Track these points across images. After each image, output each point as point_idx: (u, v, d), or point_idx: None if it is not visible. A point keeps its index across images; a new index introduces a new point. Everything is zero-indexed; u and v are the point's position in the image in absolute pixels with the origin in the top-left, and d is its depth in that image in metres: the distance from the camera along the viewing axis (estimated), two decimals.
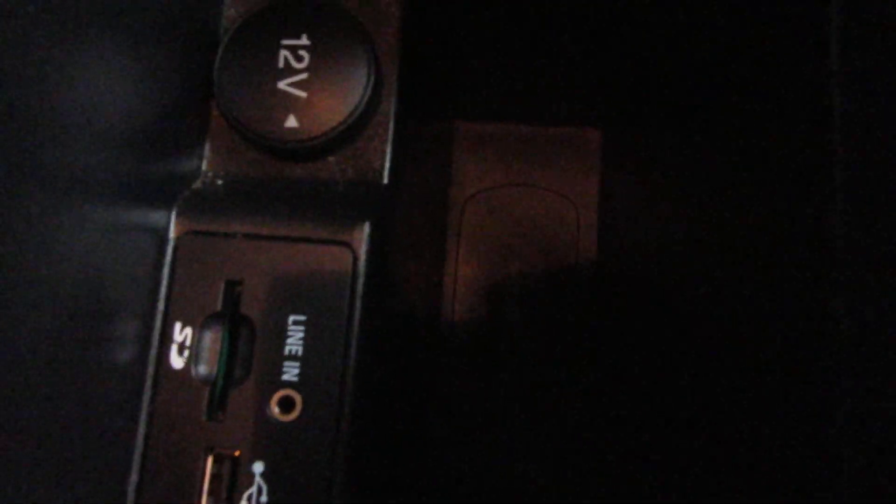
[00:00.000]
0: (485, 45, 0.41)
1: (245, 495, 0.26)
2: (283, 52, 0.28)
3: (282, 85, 0.28)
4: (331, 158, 0.29)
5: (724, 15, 0.28)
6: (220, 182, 0.29)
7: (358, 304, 0.27)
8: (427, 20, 0.32)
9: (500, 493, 0.40)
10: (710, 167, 0.33)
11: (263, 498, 0.25)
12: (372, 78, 0.28)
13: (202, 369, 0.27)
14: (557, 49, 0.41)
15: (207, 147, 0.29)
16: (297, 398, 0.26)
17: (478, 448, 0.41)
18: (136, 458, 0.26)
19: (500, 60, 0.42)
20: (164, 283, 0.27)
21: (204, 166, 0.29)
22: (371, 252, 0.27)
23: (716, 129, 0.32)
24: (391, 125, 0.29)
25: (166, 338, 0.27)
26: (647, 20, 0.36)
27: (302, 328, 0.26)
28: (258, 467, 0.26)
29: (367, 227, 0.27)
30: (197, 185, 0.29)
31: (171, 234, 0.27)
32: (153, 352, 0.27)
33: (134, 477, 0.26)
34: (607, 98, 0.44)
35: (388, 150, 0.29)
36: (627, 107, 0.43)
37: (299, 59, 0.28)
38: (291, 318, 0.26)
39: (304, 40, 0.28)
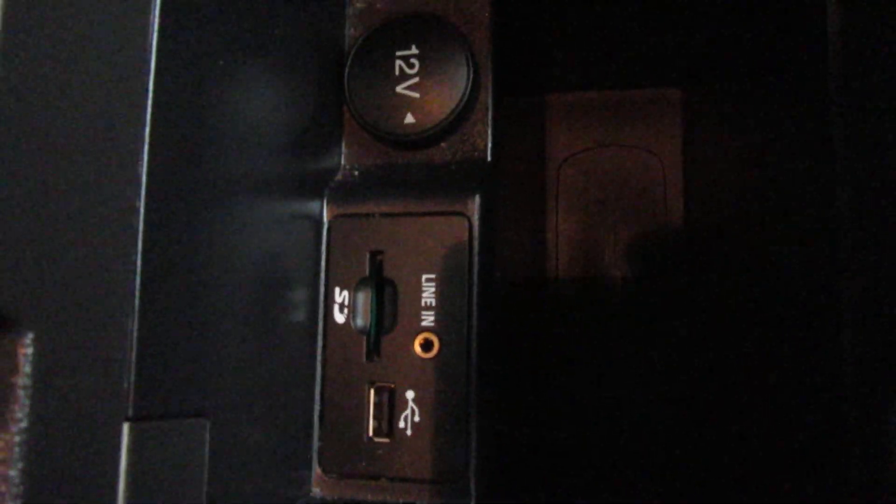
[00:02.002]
0: (567, 23, 0.45)
1: (402, 416, 0.33)
2: (398, 62, 0.34)
3: (399, 89, 0.34)
4: (443, 144, 0.35)
5: None
6: (356, 173, 0.36)
7: (475, 261, 0.33)
8: (514, 18, 0.37)
9: (604, 426, 0.46)
10: (787, 122, 0.36)
11: (416, 418, 0.32)
12: (471, 75, 0.34)
13: (359, 322, 0.34)
14: (636, 15, 0.45)
15: (343, 145, 0.36)
16: (435, 339, 0.33)
17: (581, 385, 0.46)
18: (317, 393, 0.34)
19: (582, 34, 0.46)
20: (323, 257, 0.34)
21: (342, 161, 0.36)
22: (482, 218, 0.33)
23: (791, 85, 0.35)
24: (489, 111, 0.35)
25: (329, 300, 0.34)
26: None
27: (433, 284, 0.33)
28: (410, 394, 0.33)
29: (477, 199, 0.33)
30: (339, 177, 0.36)
31: (325, 218, 0.35)
32: (321, 311, 0.34)
33: (317, 407, 0.34)
34: (687, 58, 0.47)
35: (489, 132, 0.35)
36: (707, 66, 0.47)
37: (411, 66, 0.34)
38: (424, 277, 0.33)
39: (414, 50, 0.34)
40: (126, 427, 0.22)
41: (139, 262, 0.22)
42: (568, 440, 0.45)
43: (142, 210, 0.22)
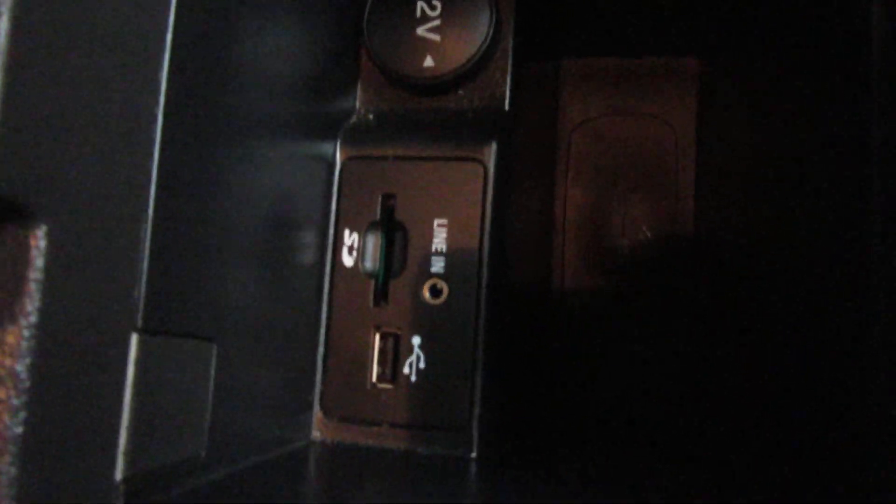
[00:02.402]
0: None
1: (407, 362, 0.32)
2: (420, 3, 0.34)
3: (419, 31, 0.34)
4: (461, 91, 0.35)
5: None
6: (371, 116, 0.35)
7: (489, 208, 0.32)
8: None
9: (609, 390, 0.45)
10: (805, 101, 0.36)
11: (422, 364, 0.32)
12: (493, 21, 0.33)
13: (367, 265, 0.33)
14: None
15: (359, 88, 0.36)
16: (444, 286, 0.32)
17: (587, 345, 0.46)
18: (321, 336, 0.33)
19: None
20: (334, 199, 0.34)
21: (357, 104, 0.36)
22: (498, 166, 0.33)
23: (811, 65, 0.34)
24: (510, 60, 0.34)
25: (339, 242, 0.33)
26: None
27: (445, 230, 0.32)
28: (416, 340, 0.32)
29: (494, 146, 0.33)
30: (353, 120, 0.35)
31: (338, 159, 0.34)
32: (329, 253, 0.33)
33: (321, 349, 0.33)
34: (704, 28, 0.47)
35: (508, 81, 0.34)
36: (723, 36, 0.46)
37: (433, 8, 0.34)
38: (436, 222, 0.33)
39: None
40: (135, 338, 0.21)
41: (154, 177, 0.22)
42: (574, 403, 0.44)
43: (159, 131, 0.21)
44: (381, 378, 0.32)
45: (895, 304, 0.20)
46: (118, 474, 0.21)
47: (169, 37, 0.22)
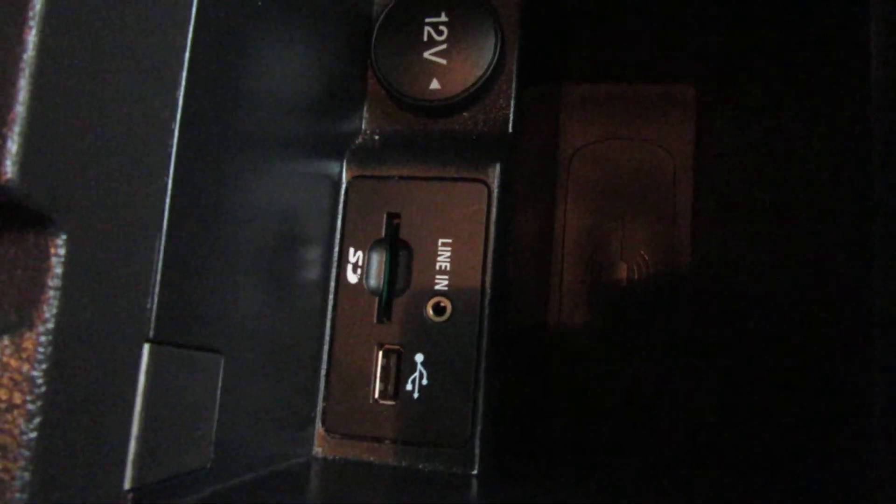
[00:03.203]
0: (589, 14, 0.46)
1: (409, 379, 0.33)
2: (427, 28, 0.34)
3: (426, 55, 0.34)
4: (465, 114, 0.35)
5: None
6: (377, 137, 0.36)
7: (493, 228, 0.33)
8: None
9: (608, 409, 0.46)
10: (798, 125, 0.37)
11: (424, 381, 0.32)
12: (498, 46, 0.34)
13: (371, 283, 0.34)
14: (655, 11, 0.46)
15: (366, 109, 0.36)
16: (448, 303, 0.33)
17: (585, 365, 0.47)
18: (325, 352, 0.33)
19: (602, 26, 0.47)
20: (340, 216, 0.34)
21: (364, 126, 0.36)
22: (502, 187, 0.33)
23: (804, 89, 0.35)
24: (514, 84, 0.35)
25: (343, 259, 0.34)
26: None
27: (449, 248, 0.33)
28: (419, 357, 0.33)
29: (498, 167, 0.33)
30: (359, 140, 0.36)
31: (344, 179, 0.35)
32: (334, 270, 0.34)
33: (324, 365, 0.33)
34: (701, 56, 0.48)
35: (512, 104, 0.35)
36: (720, 64, 0.47)
37: (440, 32, 0.34)
38: (440, 241, 0.33)
39: (444, 17, 0.34)
40: (147, 347, 0.21)
41: (169, 193, 0.22)
42: (574, 422, 0.44)
43: (174, 149, 0.22)
44: (383, 395, 0.33)
45: (893, 327, 0.20)
46: (126, 483, 0.21)
47: (186, 57, 0.23)
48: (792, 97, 0.39)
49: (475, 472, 0.31)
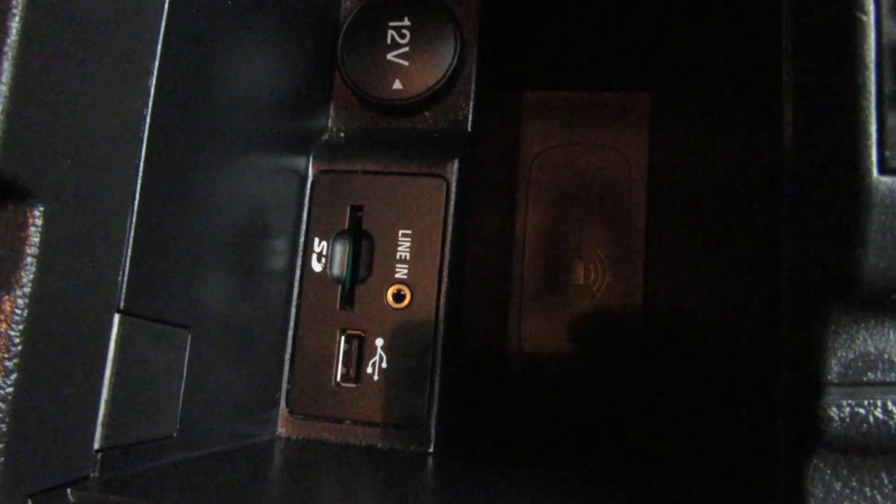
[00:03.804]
0: (547, 24, 0.48)
1: (370, 363, 0.34)
2: (390, 31, 0.36)
3: (389, 56, 0.36)
4: (427, 113, 0.37)
5: None
6: (342, 134, 0.38)
7: (451, 221, 0.35)
8: (500, 7, 0.40)
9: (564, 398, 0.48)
10: (741, 128, 0.39)
11: (384, 365, 0.34)
12: (458, 49, 0.36)
13: (335, 271, 0.35)
14: (609, 23, 0.48)
15: (332, 108, 0.38)
16: (407, 291, 0.34)
17: (541, 356, 0.49)
18: (290, 336, 0.35)
19: (559, 35, 0.49)
20: (306, 208, 0.36)
21: (329, 123, 0.38)
22: (460, 181, 0.35)
23: (744, 94, 0.38)
24: (473, 85, 0.37)
25: (308, 248, 0.36)
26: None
27: (409, 239, 0.35)
28: (379, 342, 0.34)
29: (456, 163, 0.35)
30: (325, 137, 0.38)
31: (310, 172, 0.36)
32: (299, 259, 0.36)
33: (288, 349, 0.35)
34: (654, 66, 0.51)
35: (471, 104, 0.37)
36: (672, 74, 0.50)
37: (402, 36, 0.36)
38: (401, 232, 0.35)
39: (406, 21, 0.36)
40: (117, 317, 0.23)
41: (140, 174, 0.24)
42: (527, 409, 0.46)
43: (145, 136, 0.24)
44: (345, 377, 0.34)
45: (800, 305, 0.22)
46: (96, 443, 0.22)
47: (159, 49, 0.24)
48: (737, 105, 0.41)
49: (431, 450, 0.33)
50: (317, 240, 0.36)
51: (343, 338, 0.35)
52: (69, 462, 0.22)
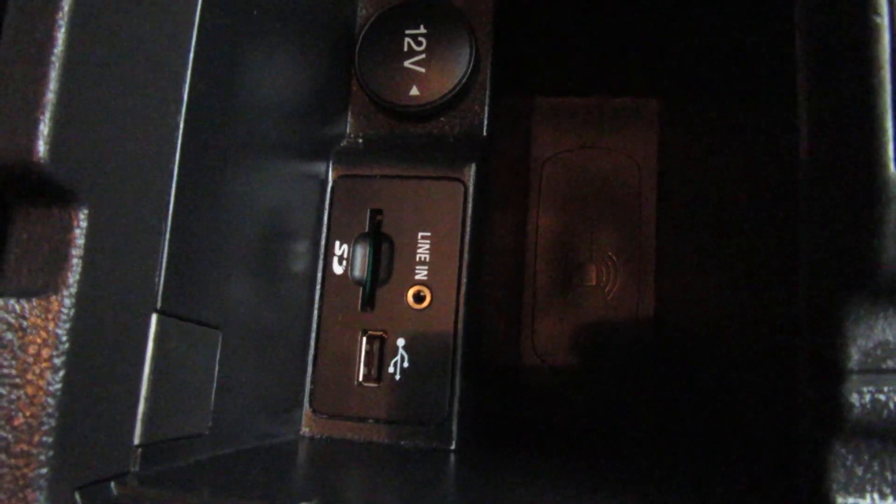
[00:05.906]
0: (558, 29, 0.49)
1: (391, 363, 0.35)
2: (407, 39, 0.37)
3: (406, 64, 0.37)
4: (443, 118, 0.38)
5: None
6: (360, 140, 0.39)
7: (468, 223, 0.36)
8: (514, 14, 0.41)
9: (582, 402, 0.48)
10: (752, 134, 0.40)
11: (405, 364, 0.35)
12: (473, 56, 0.37)
13: (356, 273, 0.36)
14: (619, 30, 0.49)
15: (350, 114, 0.39)
16: (427, 292, 0.35)
17: (555, 357, 0.49)
18: (312, 338, 0.36)
19: (570, 42, 0.50)
20: (326, 213, 0.37)
21: (348, 129, 0.39)
22: (477, 185, 0.36)
23: (756, 101, 0.38)
24: (488, 92, 0.38)
25: (329, 252, 0.36)
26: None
27: (428, 241, 0.36)
28: (400, 342, 0.35)
29: (473, 167, 0.36)
30: (344, 143, 0.39)
31: (330, 178, 0.37)
32: (321, 262, 0.36)
33: (311, 350, 0.36)
34: (664, 72, 0.51)
35: (486, 110, 0.38)
36: (681, 80, 0.51)
37: (419, 43, 0.37)
38: (420, 234, 0.36)
39: (422, 29, 0.37)
40: (154, 317, 0.24)
41: (174, 181, 0.25)
42: (543, 408, 0.47)
43: (178, 147, 0.25)
44: (367, 377, 0.35)
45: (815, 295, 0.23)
46: (136, 439, 0.23)
47: (191, 58, 0.25)
48: (746, 107, 0.42)
49: (453, 447, 0.34)
50: (338, 243, 0.36)
51: (364, 338, 0.35)
52: (112, 456, 0.22)
